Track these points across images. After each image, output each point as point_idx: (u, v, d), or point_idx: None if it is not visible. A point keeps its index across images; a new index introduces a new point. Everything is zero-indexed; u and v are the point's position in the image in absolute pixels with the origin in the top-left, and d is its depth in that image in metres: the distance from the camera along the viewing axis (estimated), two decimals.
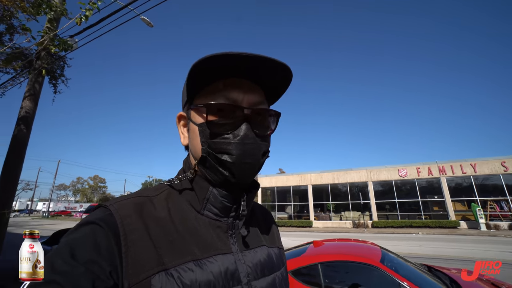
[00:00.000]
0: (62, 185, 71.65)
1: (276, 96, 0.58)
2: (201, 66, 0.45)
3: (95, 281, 0.37)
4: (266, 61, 0.46)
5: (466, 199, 18.96)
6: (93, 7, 3.45)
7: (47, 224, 25.24)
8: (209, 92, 0.51)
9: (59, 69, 6.57)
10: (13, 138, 5.09)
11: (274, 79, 0.52)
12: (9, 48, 4.42)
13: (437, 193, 19.84)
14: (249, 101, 0.50)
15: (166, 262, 0.42)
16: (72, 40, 5.38)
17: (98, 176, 72.85)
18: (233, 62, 0.46)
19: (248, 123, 0.49)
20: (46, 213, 44.01)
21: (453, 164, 19.43)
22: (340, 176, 23.18)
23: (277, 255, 0.59)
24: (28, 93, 5.24)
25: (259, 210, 0.69)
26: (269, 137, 0.55)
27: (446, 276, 2.86)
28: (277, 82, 0.54)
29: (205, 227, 0.50)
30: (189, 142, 0.55)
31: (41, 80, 5.40)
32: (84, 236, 0.40)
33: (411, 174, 20.55)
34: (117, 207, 0.44)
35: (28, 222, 30.28)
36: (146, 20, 7.60)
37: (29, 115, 5.25)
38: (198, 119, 0.51)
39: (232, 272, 0.46)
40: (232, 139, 0.47)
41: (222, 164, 0.48)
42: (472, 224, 17.69)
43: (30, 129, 5.35)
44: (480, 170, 18.58)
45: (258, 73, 0.50)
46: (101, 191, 72.14)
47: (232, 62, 0.46)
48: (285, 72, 0.50)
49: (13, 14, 3.38)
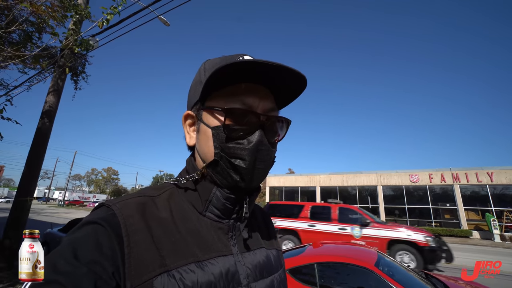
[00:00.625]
0: (78, 175, 74.71)
1: (286, 103, 0.58)
2: (223, 71, 0.45)
3: (97, 282, 0.37)
4: (285, 70, 0.47)
5: (480, 208, 18.35)
6: (114, 11, 3.69)
7: (63, 213, 26.42)
8: (224, 95, 0.50)
9: (80, 66, 6.95)
10: (37, 131, 5.46)
11: (289, 88, 0.53)
12: (37, 47, 4.76)
13: (450, 200, 19.28)
14: (264, 107, 0.51)
15: (168, 264, 0.42)
16: (93, 40, 5.69)
17: (112, 168, 75.29)
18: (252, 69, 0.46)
19: (263, 129, 0.49)
20: (62, 202, 46.00)
21: (468, 172, 18.83)
22: (349, 178, 22.95)
23: (276, 257, 0.60)
24: (52, 89, 5.60)
25: (259, 212, 0.70)
26: (276, 144, 0.55)
27: (441, 283, 2.91)
28: (289, 91, 0.54)
29: (206, 228, 0.50)
30: (198, 144, 0.55)
31: (64, 77, 5.74)
32: (87, 236, 0.40)
33: (423, 180, 20.08)
34: (119, 207, 0.44)
35: (46, 209, 31.77)
36: (163, 19, 7.87)
37: (52, 109, 5.61)
38: (213, 122, 0.50)
39: (233, 273, 0.47)
40: (247, 145, 0.48)
41: (235, 169, 0.48)
42: (485, 234, 17.11)
43: (53, 122, 5.71)
44: (497, 179, 17.90)
45: (273, 80, 0.50)
46: (113, 183, 74.46)
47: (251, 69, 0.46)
48: (300, 82, 0.51)
49: (46, 21, 3.66)
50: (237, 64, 0.44)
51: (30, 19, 4.31)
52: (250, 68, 0.46)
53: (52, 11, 3.41)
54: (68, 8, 3.81)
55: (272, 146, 0.52)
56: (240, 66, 0.45)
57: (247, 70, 0.47)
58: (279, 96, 0.55)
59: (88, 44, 4.35)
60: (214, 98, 0.51)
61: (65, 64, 5.17)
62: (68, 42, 3.92)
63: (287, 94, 0.55)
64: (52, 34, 3.32)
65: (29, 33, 4.75)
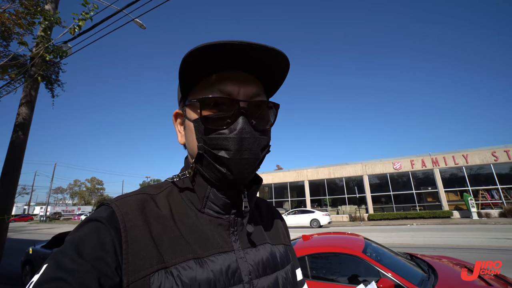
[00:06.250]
0: (59, 188, 71.21)
1: (274, 87, 0.56)
2: (193, 59, 0.43)
3: (101, 278, 0.37)
4: (261, 49, 0.44)
5: (458, 189, 19.42)
6: (86, 17, 3.56)
7: (45, 228, 25.08)
8: (203, 87, 0.49)
9: (54, 75, 6.64)
10: (10, 144, 5.16)
11: (271, 69, 0.50)
12: (5, 56, 4.50)
13: (431, 184, 20.28)
14: (245, 93, 0.48)
15: (167, 260, 0.42)
16: (66, 46, 5.43)
17: (96, 178, 72.55)
18: (226, 52, 0.44)
19: (245, 116, 0.46)
20: (44, 217, 43.75)
21: (445, 156, 19.85)
22: (336, 171, 23.50)
23: (282, 253, 0.58)
24: (24, 100, 5.30)
25: (265, 206, 0.67)
26: (269, 131, 0.53)
27: (425, 262, 3.09)
28: (274, 72, 0.51)
29: (206, 225, 0.49)
30: (186, 140, 0.54)
31: (36, 87, 5.45)
32: (89, 234, 0.40)
33: (405, 166, 20.94)
34: (118, 204, 0.44)
35: (26, 227, 30.12)
36: (138, 22, 7.64)
37: (25, 121, 5.31)
38: (193, 115, 0.49)
39: (234, 270, 0.46)
40: (229, 134, 0.45)
41: (219, 161, 0.46)
42: (464, 213, 18.16)
43: (27, 135, 5.41)
44: (471, 161, 19.02)
45: (253, 64, 0.48)
46: (99, 193, 71.81)
47: (225, 52, 0.44)
48: (281, 60, 0.48)
49: (11, 29, 3.47)
50: (205, 47, 0.41)
51: None
52: (223, 52, 0.44)
53: (17, 18, 3.23)
54: (35, 14, 3.63)
55: (261, 133, 0.49)
56: (210, 49, 0.42)
57: (225, 58, 0.45)
58: (266, 81, 0.53)
59: (61, 51, 4.17)
60: (194, 92, 0.50)
61: (37, 73, 4.92)
62: (39, 50, 3.74)
63: (272, 77, 0.52)
64: (20, 43, 3.15)
65: None
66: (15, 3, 3.53)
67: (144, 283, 0.39)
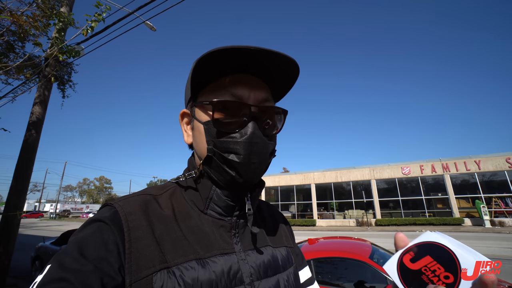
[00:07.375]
0: (69, 186, 72.84)
1: (282, 93, 0.56)
2: (206, 61, 0.44)
3: (104, 278, 0.37)
4: (274, 56, 0.45)
5: (470, 196, 18.89)
6: (98, 18, 3.65)
7: (54, 225, 25.73)
8: (214, 89, 0.49)
9: (67, 75, 6.82)
10: (24, 143, 5.32)
11: (281, 75, 0.50)
12: (21, 57, 4.66)
13: (441, 190, 19.78)
14: (255, 97, 0.49)
15: (169, 260, 0.42)
16: (79, 47, 5.59)
17: (104, 177, 73.87)
18: (239, 56, 0.45)
19: (255, 121, 0.47)
20: (54, 214, 44.78)
21: (456, 161, 19.36)
22: (343, 174, 23.23)
23: (284, 256, 0.57)
24: (38, 99, 5.47)
25: (266, 208, 0.67)
26: (275, 136, 0.54)
27: None
28: (284, 78, 0.52)
29: (208, 226, 0.50)
30: (193, 141, 0.54)
31: (50, 87, 5.62)
32: (92, 234, 0.41)
33: (414, 171, 20.51)
34: (122, 204, 0.45)
35: (36, 223, 30.91)
36: (149, 24, 7.80)
37: (38, 120, 5.48)
38: (203, 117, 0.50)
39: (235, 271, 0.46)
40: (239, 138, 0.46)
41: (229, 164, 0.47)
42: (476, 221, 17.63)
43: (40, 133, 5.57)
44: (484, 167, 18.48)
45: (264, 69, 0.48)
46: (107, 192, 73.08)
47: (238, 56, 0.44)
48: (292, 67, 0.49)
49: (27, 31, 3.59)
50: (220, 51, 0.42)
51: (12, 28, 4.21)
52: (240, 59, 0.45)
53: (33, 21, 3.34)
54: (50, 16, 3.75)
55: (269, 138, 0.50)
56: (223, 54, 0.43)
57: (237, 61, 0.46)
58: (274, 86, 0.53)
59: (74, 52, 4.28)
60: (205, 93, 0.51)
61: (51, 73, 5.06)
62: (53, 51, 3.85)
63: (281, 83, 0.53)
64: (35, 44, 3.25)
65: (11, 42, 4.63)
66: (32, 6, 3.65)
67: (147, 283, 0.39)
